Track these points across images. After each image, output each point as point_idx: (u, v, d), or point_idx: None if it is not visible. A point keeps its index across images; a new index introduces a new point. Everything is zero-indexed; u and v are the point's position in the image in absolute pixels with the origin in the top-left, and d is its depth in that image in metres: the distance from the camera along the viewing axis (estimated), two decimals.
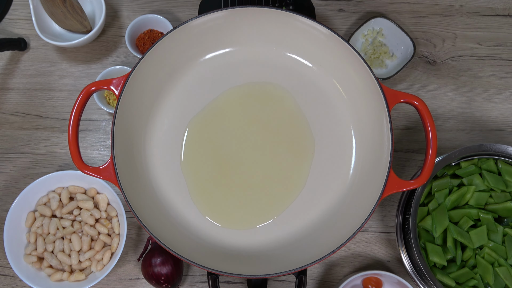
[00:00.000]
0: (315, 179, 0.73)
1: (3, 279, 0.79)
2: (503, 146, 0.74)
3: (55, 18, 0.84)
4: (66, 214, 0.76)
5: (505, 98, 0.89)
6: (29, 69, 0.89)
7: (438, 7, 0.94)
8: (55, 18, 0.84)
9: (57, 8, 0.81)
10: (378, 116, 0.68)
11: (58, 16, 0.83)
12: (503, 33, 0.93)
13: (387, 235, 0.82)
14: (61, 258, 0.74)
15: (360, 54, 0.69)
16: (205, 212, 0.71)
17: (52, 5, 0.81)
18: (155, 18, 0.86)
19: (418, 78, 0.90)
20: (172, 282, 0.73)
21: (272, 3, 0.84)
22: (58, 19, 0.84)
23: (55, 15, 0.83)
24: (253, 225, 0.71)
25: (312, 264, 0.62)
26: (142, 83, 0.70)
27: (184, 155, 0.73)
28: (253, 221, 0.71)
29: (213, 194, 0.72)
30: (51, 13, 0.83)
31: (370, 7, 0.93)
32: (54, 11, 0.82)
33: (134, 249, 0.81)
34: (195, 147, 0.73)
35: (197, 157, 0.73)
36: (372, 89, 0.68)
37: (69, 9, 0.82)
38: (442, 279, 0.70)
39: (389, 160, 0.65)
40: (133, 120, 0.70)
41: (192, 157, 0.73)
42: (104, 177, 0.64)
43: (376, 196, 0.64)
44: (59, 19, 0.84)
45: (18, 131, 0.85)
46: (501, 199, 0.73)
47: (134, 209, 0.63)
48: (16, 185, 0.83)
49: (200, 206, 0.71)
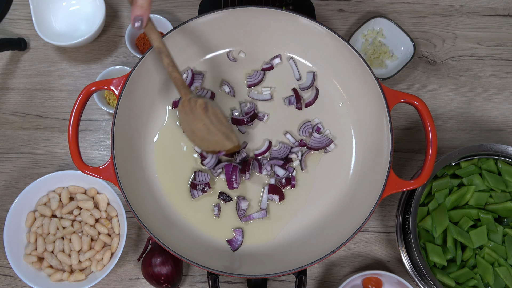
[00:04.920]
0: (315, 179, 0.73)
1: (3, 279, 0.79)
2: (503, 146, 0.74)
3: (196, 137, 0.68)
4: (66, 214, 0.76)
5: (505, 98, 0.89)
6: (29, 69, 0.89)
7: (438, 7, 0.94)
8: (196, 137, 0.68)
9: (199, 122, 0.66)
10: (378, 116, 0.68)
11: (199, 133, 0.67)
12: (503, 33, 0.93)
13: (387, 235, 0.82)
14: (61, 258, 0.74)
15: (360, 54, 0.69)
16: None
17: (193, 119, 0.66)
18: (155, 18, 0.86)
19: (418, 78, 0.90)
20: (172, 282, 0.73)
21: (272, 3, 0.84)
22: (199, 138, 0.67)
23: (196, 132, 0.67)
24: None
25: (312, 264, 0.62)
26: (142, 83, 0.70)
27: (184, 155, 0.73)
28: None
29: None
30: (191, 132, 0.68)
31: (370, 7, 0.93)
32: (196, 127, 0.67)
33: (134, 249, 0.81)
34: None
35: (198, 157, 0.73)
36: (372, 89, 0.68)
37: (213, 119, 0.65)
38: (442, 279, 0.70)
39: (389, 160, 0.65)
40: (133, 120, 0.70)
41: (193, 157, 0.73)
42: (104, 177, 0.64)
43: (376, 196, 0.64)
44: (200, 137, 0.67)
45: (18, 131, 0.85)
46: (501, 199, 0.73)
47: (134, 209, 0.63)
48: (16, 185, 0.83)
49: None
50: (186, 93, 0.66)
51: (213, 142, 0.66)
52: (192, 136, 0.68)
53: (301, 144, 0.73)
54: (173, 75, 0.64)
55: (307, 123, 0.74)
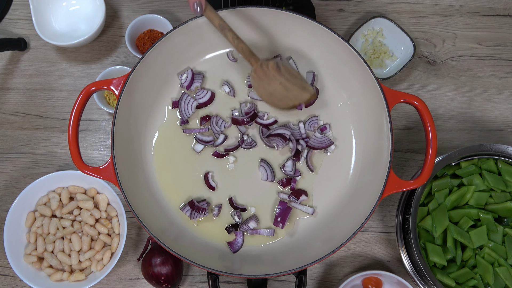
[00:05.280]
0: (315, 179, 0.73)
1: (3, 279, 0.79)
2: (503, 146, 0.74)
3: (275, 98, 0.69)
4: (66, 214, 0.76)
5: (505, 98, 0.89)
6: (29, 69, 0.89)
7: (438, 7, 0.94)
8: (275, 98, 0.69)
9: (275, 82, 0.67)
10: (378, 116, 0.68)
11: (277, 93, 0.68)
12: (503, 33, 0.93)
13: (387, 235, 0.82)
14: (61, 258, 0.74)
15: (360, 54, 0.69)
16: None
17: (269, 82, 0.67)
18: (155, 18, 0.86)
19: (418, 78, 0.90)
20: (172, 282, 0.73)
21: (272, 3, 0.84)
22: (278, 98, 0.69)
23: (274, 93, 0.68)
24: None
25: (312, 264, 0.62)
26: (142, 83, 0.70)
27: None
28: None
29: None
30: (268, 94, 0.69)
31: (370, 7, 0.93)
32: (273, 88, 0.68)
33: (134, 249, 0.81)
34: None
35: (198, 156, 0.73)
36: (372, 89, 0.68)
37: (287, 76, 0.67)
38: (442, 279, 0.70)
39: (389, 160, 0.65)
40: (133, 120, 0.70)
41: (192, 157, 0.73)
42: (104, 177, 0.64)
43: (376, 196, 0.64)
44: (279, 97, 0.68)
45: (18, 131, 0.85)
46: (501, 199, 0.73)
47: (134, 209, 0.63)
48: (16, 185, 0.83)
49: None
50: (256, 60, 0.68)
51: (292, 97, 0.69)
52: (270, 98, 0.69)
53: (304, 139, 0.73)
54: (240, 46, 0.67)
55: (314, 117, 0.74)
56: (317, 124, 0.74)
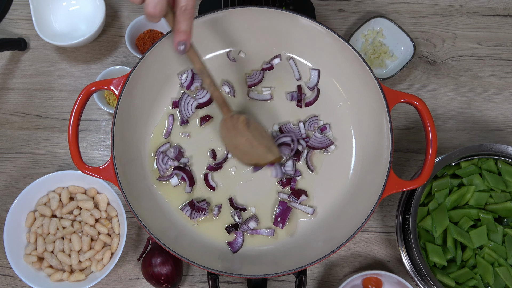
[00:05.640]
0: (315, 179, 0.73)
1: (3, 279, 0.79)
2: (503, 146, 0.74)
3: (239, 151, 0.69)
4: (66, 214, 0.76)
5: (505, 98, 0.89)
6: (29, 69, 0.89)
7: (438, 7, 0.94)
8: (239, 151, 0.69)
9: (242, 137, 0.68)
10: (378, 116, 0.68)
11: (242, 147, 0.68)
12: (503, 33, 0.93)
13: (387, 235, 0.82)
14: (61, 258, 0.74)
15: (360, 54, 0.69)
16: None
17: (236, 135, 0.68)
18: None
19: (418, 78, 0.90)
20: (172, 282, 0.73)
21: (272, 3, 0.84)
22: (242, 152, 0.69)
23: (239, 147, 0.69)
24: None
25: (312, 264, 0.62)
26: (142, 83, 0.70)
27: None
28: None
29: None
30: (234, 147, 0.69)
31: (370, 7, 0.93)
32: (238, 141, 0.68)
33: (134, 249, 0.81)
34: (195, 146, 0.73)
35: (198, 156, 0.73)
36: (372, 89, 0.68)
37: (255, 134, 0.68)
38: (442, 279, 0.70)
39: (389, 160, 0.65)
40: (133, 120, 0.70)
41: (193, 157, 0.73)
42: (104, 177, 0.64)
43: (376, 196, 0.64)
44: (243, 151, 0.69)
45: (18, 131, 0.85)
46: (501, 199, 0.73)
47: (134, 209, 0.63)
48: (16, 185, 0.83)
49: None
50: (228, 111, 0.68)
51: (256, 156, 0.69)
52: (234, 151, 0.69)
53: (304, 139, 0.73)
54: (215, 94, 0.66)
55: (314, 117, 0.74)
56: (317, 124, 0.74)
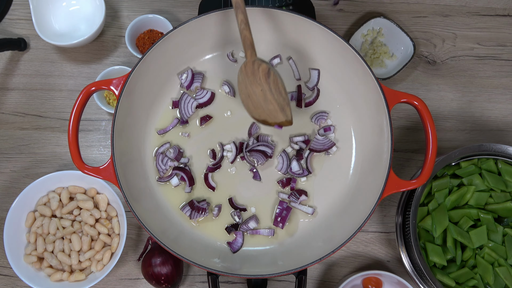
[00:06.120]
0: (315, 179, 0.73)
1: (3, 279, 0.79)
2: (503, 146, 0.74)
3: (250, 101, 0.65)
4: (66, 214, 0.76)
5: (505, 98, 0.89)
6: (29, 69, 0.89)
7: (438, 7, 0.94)
8: (250, 101, 0.65)
9: (257, 86, 0.64)
10: (378, 116, 0.68)
11: (255, 98, 0.64)
12: (503, 33, 0.93)
13: (387, 235, 0.82)
14: (61, 258, 0.74)
15: (360, 54, 0.69)
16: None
17: (252, 82, 0.64)
18: (155, 18, 0.86)
19: (418, 78, 0.90)
20: (172, 282, 0.73)
21: (272, 3, 0.84)
22: (253, 103, 0.65)
23: (252, 96, 0.65)
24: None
25: (312, 264, 0.62)
26: (141, 83, 0.70)
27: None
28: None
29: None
30: (247, 95, 0.65)
31: (370, 7, 0.93)
32: (252, 90, 0.64)
33: (134, 249, 0.81)
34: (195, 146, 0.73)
35: (198, 156, 0.73)
36: (372, 89, 0.68)
37: (272, 87, 0.63)
38: (442, 279, 0.70)
39: (389, 160, 0.65)
40: (133, 120, 0.70)
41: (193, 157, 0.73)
42: (104, 177, 0.64)
43: (376, 196, 0.64)
44: (255, 103, 0.65)
45: (18, 131, 0.85)
46: (501, 199, 0.73)
47: (134, 209, 0.63)
48: (16, 185, 0.83)
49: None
50: (252, 55, 0.64)
51: (266, 111, 0.64)
52: (246, 99, 0.65)
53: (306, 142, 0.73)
54: (244, 33, 0.64)
55: (323, 113, 0.74)
56: (324, 120, 0.74)
